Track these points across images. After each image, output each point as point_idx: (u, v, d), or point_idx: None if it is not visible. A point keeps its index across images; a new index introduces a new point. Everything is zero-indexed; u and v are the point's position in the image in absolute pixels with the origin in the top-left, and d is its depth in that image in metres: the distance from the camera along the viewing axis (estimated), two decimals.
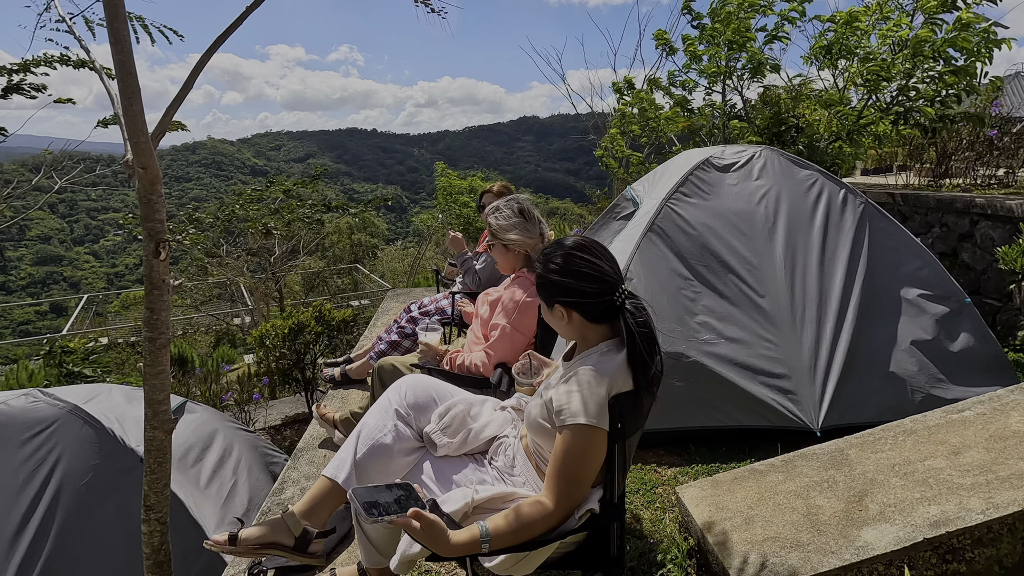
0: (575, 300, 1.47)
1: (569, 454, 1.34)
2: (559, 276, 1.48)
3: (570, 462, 1.34)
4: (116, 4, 1.39)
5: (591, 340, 1.51)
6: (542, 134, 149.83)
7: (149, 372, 1.70)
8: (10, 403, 2.77)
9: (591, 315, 1.48)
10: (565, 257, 1.49)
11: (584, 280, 1.46)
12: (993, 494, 1.75)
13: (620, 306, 1.43)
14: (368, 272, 15.36)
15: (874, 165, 8.17)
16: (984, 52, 4.68)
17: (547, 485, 1.37)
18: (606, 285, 1.45)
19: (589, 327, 1.49)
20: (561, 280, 1.47)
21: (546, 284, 1.52)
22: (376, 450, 1.65)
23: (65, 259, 61.38)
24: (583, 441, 1.34)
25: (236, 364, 7.86)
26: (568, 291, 1.47)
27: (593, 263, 1.48)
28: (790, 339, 2.75)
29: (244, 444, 3.30)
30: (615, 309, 1.44)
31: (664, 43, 6.27)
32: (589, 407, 1.34)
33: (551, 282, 1.50)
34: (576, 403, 1.36)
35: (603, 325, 1.49)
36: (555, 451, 1.37)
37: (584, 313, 1.48)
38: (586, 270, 1.46)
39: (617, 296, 1.44)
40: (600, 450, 1.37)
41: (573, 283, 1.46)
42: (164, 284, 1.64)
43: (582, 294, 1.45)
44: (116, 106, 1.57)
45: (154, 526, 1.79)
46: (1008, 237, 3.96)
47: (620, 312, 1.43)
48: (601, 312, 1.47)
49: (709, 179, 3.19)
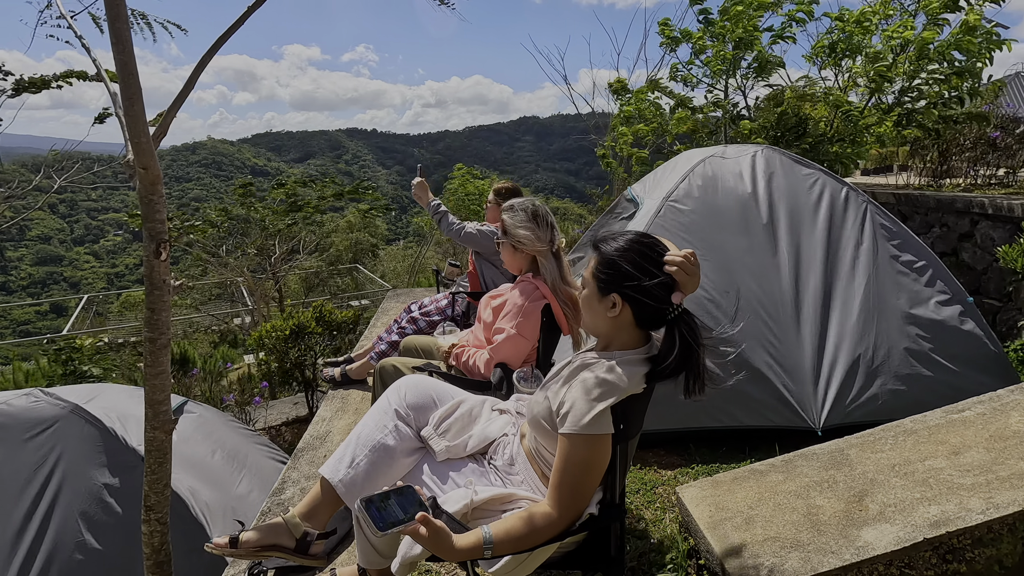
0: (638, 296, 1.36)
1: (572, 463, 1.32)
2: (631, 265, 1.36)
3: (574, 472, 1.32)
4: (118, 4, 1.39)
5: (620, 343, 1.43)
6: (542, 134, 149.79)
7: (149, 372, 1.70)
8: (11, 403, 2.77)
9: (643, 316, 1.39)
10: (642, 245, 1.39)
11: (652, 275, 1.36)
12: (993, 494, 1.75)
13: (676, 319, 1.35)
14: (368, 272, 15.36)
15: (874, 165, 8.18)
16: (985, 53, 4.69)
17: (550, 494, 1.35)
18: (669, 293, 1.36)
19: (631, 329, 1.41)
20: (632, 270, 1.36)
21: (612, 268, 1.39)
22: (377, 451, 1.64)
23: (65, 259, 61.40)
24: (586, 451, 1.31)
25: (236, 364, 7.86)
26: (633, 282, 1.36)
27: (661, 262, 1.38)
28: (792, 338, 2.75)
29: (244, 444, 3.30)
30: (663, 321, 1.37)
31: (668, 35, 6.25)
32: (593, 416, 1.30)
33: (619, 268, 1.37)
34: (580, 409, 1.31)
35: (643, 333, 1.42)
36: (558, 460, 1.34)
37: (639, 311, 1.38)
38: (657, 264, 1.37)
39: (673, 309, 1.35)
40: (603, 457, 1.34)
41: (644, 277, 1.35)
42: (164, 284, 1.64)
43: (648, 292, 1.35)
44: (117, 106, 1.57)
45: (154, 526, 1.79)
46: (1008, 237, 3.96)
47: (674, 324, 1.35)
48: (651, 318, 1.39)
49: (710, 179, 3.19)
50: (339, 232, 16.28)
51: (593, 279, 1.43)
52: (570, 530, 1.36)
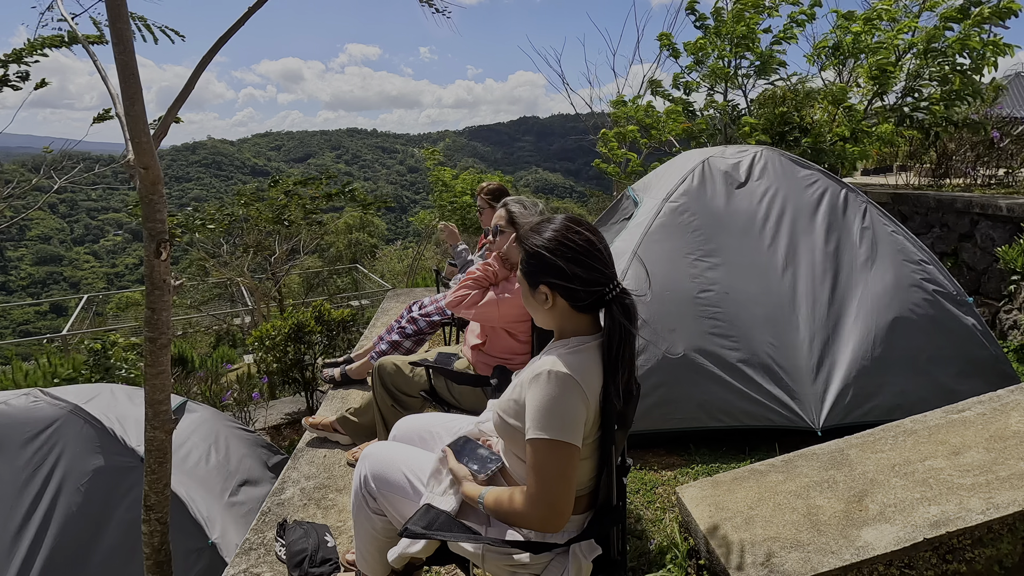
0: (563, 283, 1.30)
1: (540, 464, 1.22)
2: (549, 252, 1.30)
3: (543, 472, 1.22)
4: (119, 5, 1.39)
5: (566, 331, 1.35)
6: (542, 134, 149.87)
7: (149, 372, 1.70)
8: (11, 403, 2.77)
9: (576, 303, 1.32)
10: (560, 231, 1.31)
11: (577, 261, 1.29)
12: (993, 494, 1.75)
13: (611, 300, 1.29)
14: (368, 272, 15.36)
15: (874, 165, 8.19)
16: (989, 59, 4.71)
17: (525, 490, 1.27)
18: (600, 273, 1.29)
19: (571, 316, 1.34)
20: (550, 257, 1.30)
21: (533, 260, 1.33)
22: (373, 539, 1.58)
23: (65, 259, 61.41)
24: (549, 456, 1.21)
25: (236, 364, 7.86)
26: (557, 271, 1.29)
27: (591, 242, 1.31)
28: (791, 338, 2.75)
29: (244, 444, 3.30)
30: (603, 303, 1.31)
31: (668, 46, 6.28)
32: (554, 418, 1.21)
33: (539, 258, 1.31)
34: (540, 412, 1.22)
35: (586, 316, 1.34)
36: (528, 462, 1.25)
37: (570, 299, 1.31)
38: (582, 248, 1.30)
39: (610, 289, 1.30)
40: (573, 463, 1.23)
41: (564, 263, 1.29)
42: (165, 284, 1.65)
43: (572, 277, 1.28)
44: (118, 106, 1.58)
45: (154, 526, 1.79)
46: (1008, 237, 3.96)
47: (608, 307, 1.29)
48: (589, 302, 1.31)
49: (710, 179, 3.20)
50: (338, 233, 16.27)
51: (522, 275, 1.38)
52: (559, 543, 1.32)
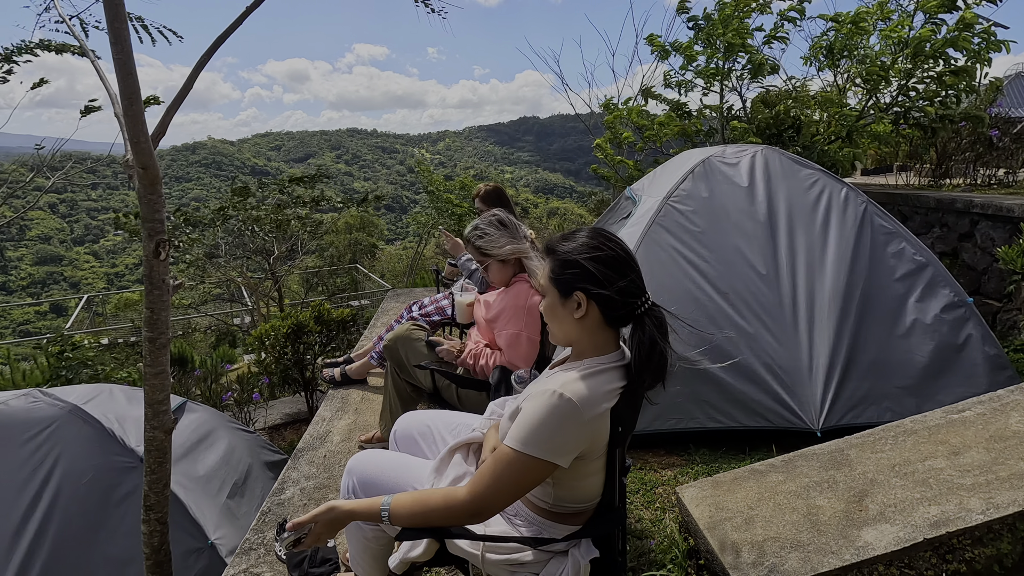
0: (600, 290, 1.26)
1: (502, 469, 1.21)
2: (587, 260, 1.27)
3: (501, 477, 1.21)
4: (116, 5, 1.39)
5: (584, 348, 1.33)
6: (542, 134, 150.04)
7: (149, 372, 1.70)
8: (10, 403, 2.77)
9: (611, 313, 1.29)
10: (595, 240, 1.30)
11: (616, 269, 1.27)
12: (993, 494, 1.75)
13: (643, 314, 1.27)
14: (368, 272, 15.35)
15: (874, 165, 8.18)
16: (984, 55, 4.68)
17: (473, 479, 1.25)
18: (635, 284, 1.28)
19: (596, 330, 1.31)
20: (588, 264, 1.26)
21: (570, 267, 1.28)
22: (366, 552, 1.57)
23: (65, 259, 61.42)
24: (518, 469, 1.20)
25: (236, 364, 7.86)
26: (594, 279, 1.26)
27: (626, 251, 1.30)
28: (791, 339, 2.75)
29: (244, 444, 3.30)
30: (632, 317, 1.28)
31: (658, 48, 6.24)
32: (540, 438, 1.19)
33: (576, 265, 1.27)
34: (528, 428, 1.21)
35: (611, 333, 1.32)
36: (493, 457, 1.24)
37: (606, 307, 1.28)
38: (620, 257, 1.28)
39: (642, 302, 1.27)
40: (532, 480, 1.22)
41: (603, 269, 1.26)
42: (164, 284, 1.64)
43: (610, 285, 1.26)
44: (116, 106, 1.57)
45: (154, 526, 1.79)
46: (1008, 237, 3.96)
47: (639, 321, 1.27)
48: (620, 314, 1.29)
49: (709, 178, 3.19)
50: (338, 232, 16.27)
51: (552, 283, 1.33)
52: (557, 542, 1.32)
